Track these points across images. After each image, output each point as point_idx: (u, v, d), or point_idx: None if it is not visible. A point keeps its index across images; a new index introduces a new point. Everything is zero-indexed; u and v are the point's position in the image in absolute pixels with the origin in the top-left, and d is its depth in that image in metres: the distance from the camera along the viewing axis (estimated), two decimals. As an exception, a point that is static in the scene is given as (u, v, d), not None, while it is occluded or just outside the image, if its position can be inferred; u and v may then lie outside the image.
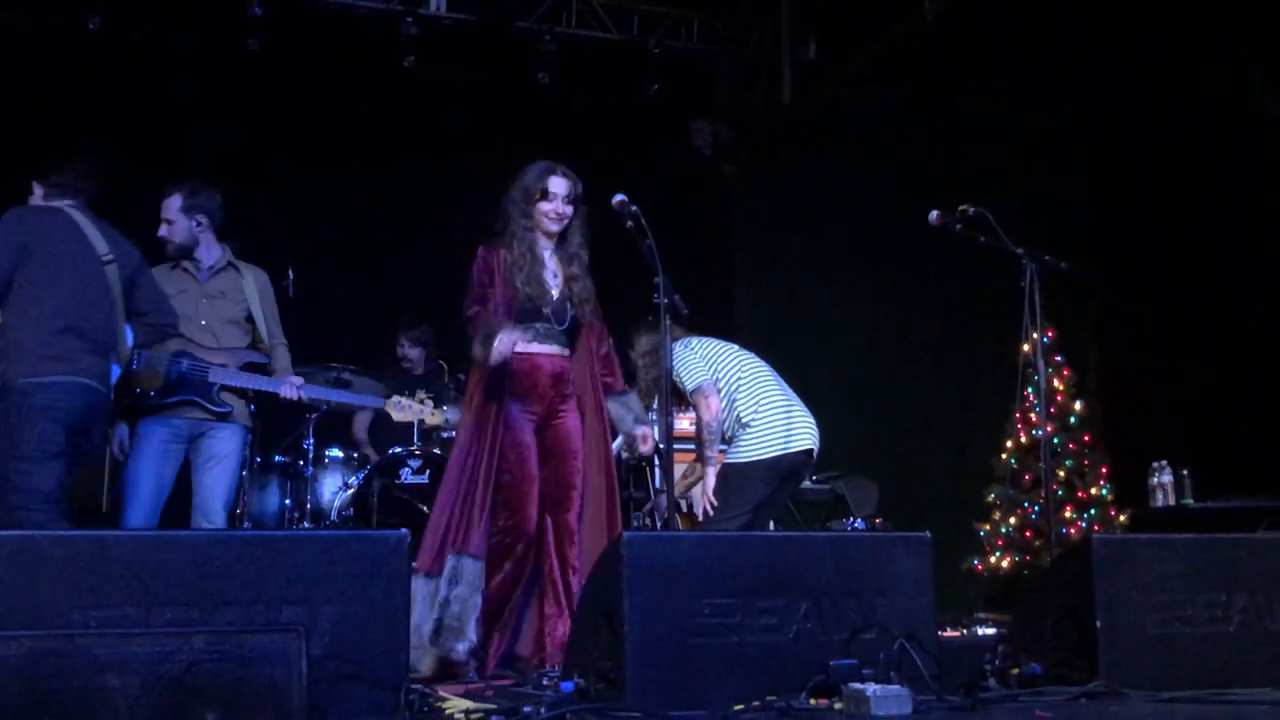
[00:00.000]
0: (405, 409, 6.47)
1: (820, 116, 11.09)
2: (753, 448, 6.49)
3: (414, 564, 5.19)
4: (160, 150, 9.10)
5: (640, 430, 5.84)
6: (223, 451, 6.26)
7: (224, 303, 6.41)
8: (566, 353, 5.66)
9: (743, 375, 6.62)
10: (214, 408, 6.20)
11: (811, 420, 6.69)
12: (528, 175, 5.66)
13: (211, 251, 6.44)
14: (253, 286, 6.45)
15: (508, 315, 5.47)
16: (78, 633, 2.68)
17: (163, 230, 6.34)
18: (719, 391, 6.54)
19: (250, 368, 6.33)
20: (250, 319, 6.45)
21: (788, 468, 6.58)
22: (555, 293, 5.63)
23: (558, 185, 5.61)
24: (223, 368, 6.23)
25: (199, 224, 6.35)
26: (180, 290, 6.33)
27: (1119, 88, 10.33)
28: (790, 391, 6.76)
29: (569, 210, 5.63)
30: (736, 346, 6.83)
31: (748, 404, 6.55)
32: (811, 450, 6.64)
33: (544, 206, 5.59)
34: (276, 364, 6.46)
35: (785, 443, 6.52)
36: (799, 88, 10.81)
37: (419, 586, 5.17)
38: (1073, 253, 6.96)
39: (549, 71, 10.00)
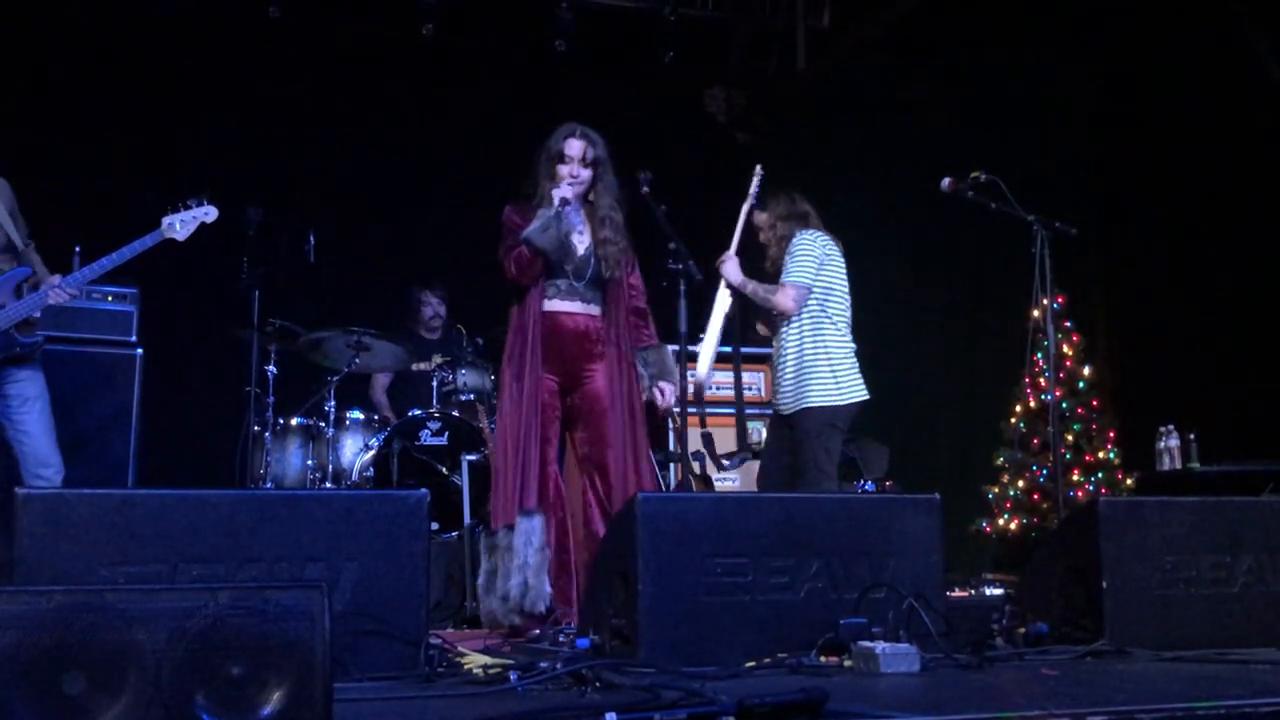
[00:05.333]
0: None
1: (834, 83, 11.09)
2: (840, 390, 6.34)
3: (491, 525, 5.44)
4: (179, 117, 9.14)
5: (660, 384, 5.76)
6: (34, 392, 5.86)
7: None
8: (595, 310, 5.64)
9: (834, 301, 6.38)
10: (26, 346, 5.79)
11: None
12: (552, 137, 5.66)
13: None
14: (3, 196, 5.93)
15: None
16: (107, 588, 2.76)
17: None
18: (807, 301, 6.28)
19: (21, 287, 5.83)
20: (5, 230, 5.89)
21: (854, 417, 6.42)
22: (581, 250, 5.62)
23: (573, 148, 5.60)
24: (1, 309, 5.75)
25: None
26: None
27: (1130, 57, 10.36)
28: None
29: (585, 173, 5.62)
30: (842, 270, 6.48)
31: (837, 336, 6.36)
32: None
33: (560, 169, 5.59)
34: (36, 267, 5.95)
35: (862, 389, 6.43)
36: (813, 55, 10.79)
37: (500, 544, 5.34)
38: (1083, 220, 7.01)
39: (566, 39, 10.00)
